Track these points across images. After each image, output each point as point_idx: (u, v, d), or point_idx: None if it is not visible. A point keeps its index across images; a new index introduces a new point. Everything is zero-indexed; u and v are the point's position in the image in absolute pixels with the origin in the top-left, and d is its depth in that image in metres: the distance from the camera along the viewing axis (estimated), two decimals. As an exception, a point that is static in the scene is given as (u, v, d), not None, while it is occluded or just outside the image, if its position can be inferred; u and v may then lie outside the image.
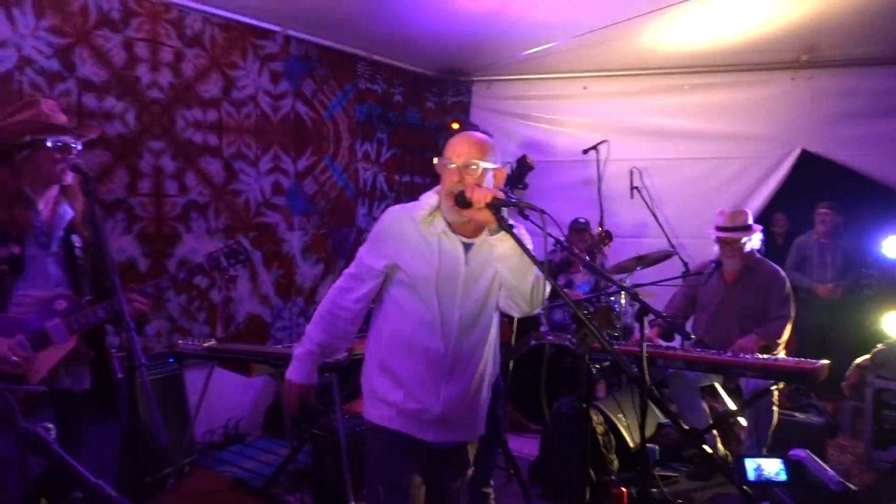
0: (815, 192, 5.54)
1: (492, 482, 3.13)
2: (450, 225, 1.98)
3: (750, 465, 3.07)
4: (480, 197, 1.80)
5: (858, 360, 4.29)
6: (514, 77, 5.83)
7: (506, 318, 2.24)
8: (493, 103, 6.04)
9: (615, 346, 1.71)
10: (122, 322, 2.03)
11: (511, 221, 1.85)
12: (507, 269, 1.91)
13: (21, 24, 3.42)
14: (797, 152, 5.12)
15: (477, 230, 1.99)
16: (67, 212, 2.27)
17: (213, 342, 3.35)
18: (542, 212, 1.76)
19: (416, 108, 5.95)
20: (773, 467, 3.07)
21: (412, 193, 5.26)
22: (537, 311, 2.00)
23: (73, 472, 0.97)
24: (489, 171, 1.95)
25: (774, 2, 4.04)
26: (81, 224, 2.29)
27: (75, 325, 2.18)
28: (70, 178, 2.23)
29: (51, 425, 2.08)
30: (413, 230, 2.01)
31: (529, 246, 1.83)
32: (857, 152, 4.95)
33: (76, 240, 2.27)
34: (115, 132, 3.84)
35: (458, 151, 1.95)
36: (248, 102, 4.54)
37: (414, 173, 5.95)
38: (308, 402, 2.14)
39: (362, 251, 2.11)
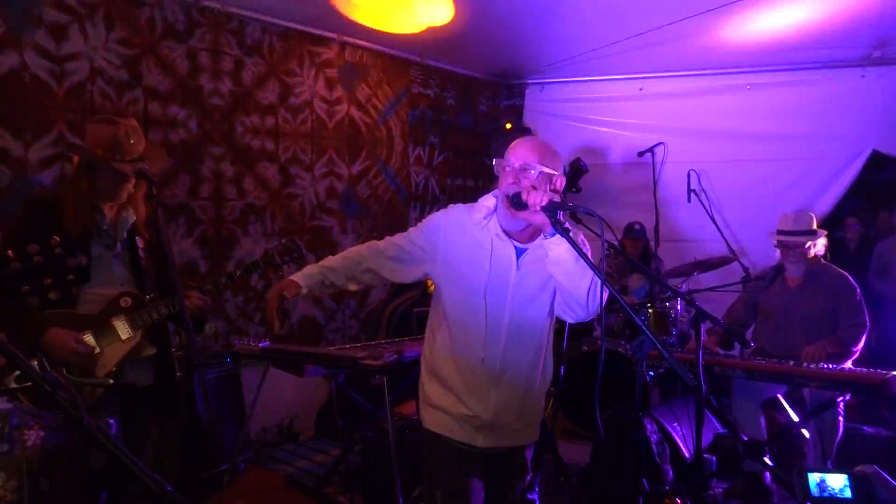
0: (891, 194, 5.26)
1: (536, 488, 3.08)
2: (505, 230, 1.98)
3: (813, 478, 2.93)
4: (536, 200, 1.77)
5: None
6: (568, 79, 5.76)
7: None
8: (547, 106, 5.98)
9: (672, 354, 1.67)
10: (182, 320, 2.11)
11: (567, 226, 1.82)
12: (562, 273, 1.88)
13: (93, 37, 3.59)
14: (867, 153, 4.88)
15: (532, 236, 1.97)
16: (132, 215, 2.38)
17: (268, 342, 3.42)
18: (599, 217, 1.70)
19: (468, 111, 5.96)
20: (837, 482, 2.92)
21: (464, 197, 5.25)
22: (592, 316, 1.96)
23: (132, 467, 1.01)
24: (547, 176, 1.91)
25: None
26: (143, 227, 2.39)
27: (139, 321, 2.28)
28: (127, 194, 2.34)
29: (111, 420, 2.18)
30: (468, 231, 2.01)
31: (587, 252, 1.80)
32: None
33: (139, 241, 2.38)
34: (178, 138, 3.99)
35: (516, 154, 1.93)
36: (304, 108, 4.64)
37: (466, 177, 5.96)
38: (283, 301, 2.05)
39: (412, 230, 2.11)
